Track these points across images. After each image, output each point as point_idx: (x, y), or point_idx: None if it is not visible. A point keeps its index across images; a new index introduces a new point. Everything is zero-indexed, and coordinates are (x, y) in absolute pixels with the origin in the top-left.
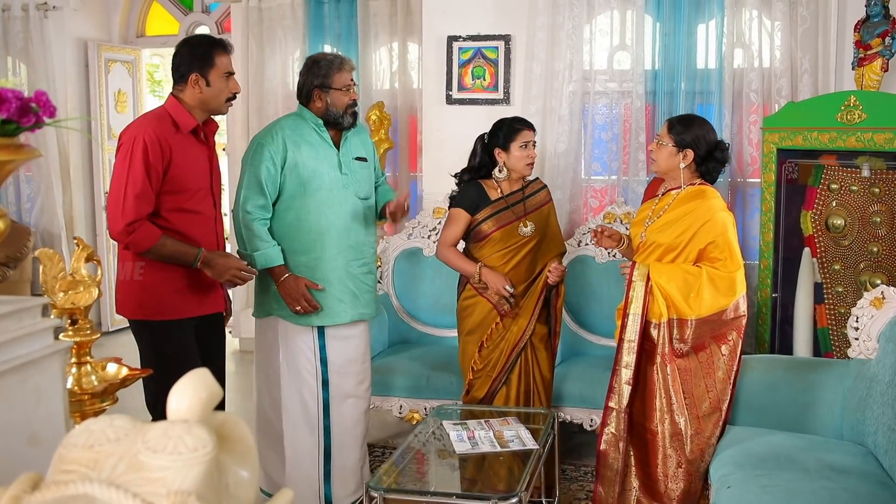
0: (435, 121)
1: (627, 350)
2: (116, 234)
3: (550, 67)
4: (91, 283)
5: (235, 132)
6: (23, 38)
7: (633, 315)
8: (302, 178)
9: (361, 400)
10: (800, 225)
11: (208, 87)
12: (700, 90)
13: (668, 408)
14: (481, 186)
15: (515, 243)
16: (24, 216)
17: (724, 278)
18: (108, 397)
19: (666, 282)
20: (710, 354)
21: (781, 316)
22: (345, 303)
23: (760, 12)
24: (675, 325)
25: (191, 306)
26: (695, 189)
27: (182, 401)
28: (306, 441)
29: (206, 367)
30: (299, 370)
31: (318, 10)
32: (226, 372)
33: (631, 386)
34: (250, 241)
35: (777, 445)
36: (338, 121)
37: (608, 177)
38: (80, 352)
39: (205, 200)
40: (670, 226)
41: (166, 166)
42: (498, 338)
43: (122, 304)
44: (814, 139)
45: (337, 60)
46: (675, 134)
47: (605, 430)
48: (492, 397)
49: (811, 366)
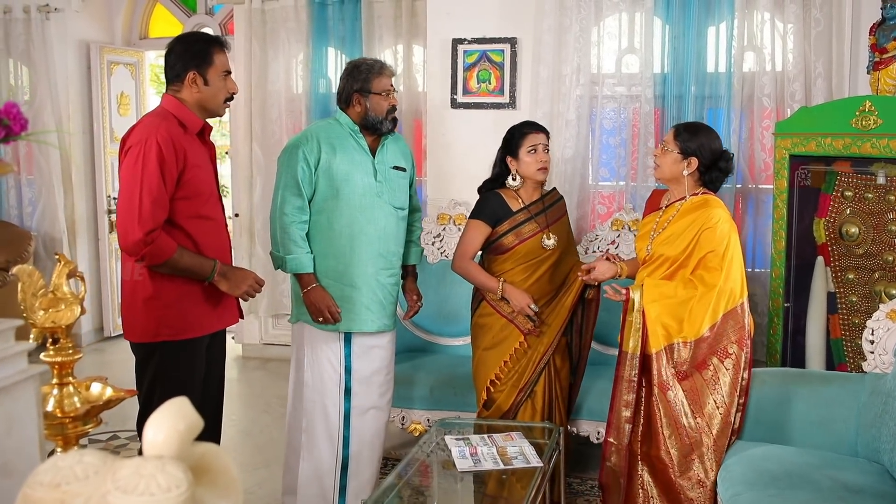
0: (439, 125)
1: (627, 389)
2: (132, 245)
3: (557, 71)
4: (73, 300)
5: (238, 135)
6: (24, 41)
7: (630, 353)
8: (335, 181)
9: (382, 412)
10: (813, 233)
11: (206, 87)
12: (710, 94)
13: (675, 433)
14: (501, 197)
15: (537, 257)
16: (26, 220)
17: (710, 293)
18: (91, 420)
19: (659, 311)
20: (714, 371)
21: (794, 326)
22: (372, 311)
23: (773, 15)
24: (674, 350)
25: (211, 321)
26: (699, 199)
27: (158, 433)
28: (324, 452)
29: (208, 379)
30: (323, 378)
31: (322, 13)
32: (225, 380)
33: (631, 424)
34: (284, 244)
35: (789, 463)
36: (377, 125)
37: (616, 183)
38: (62, 372)
39: (216, 206)
40: (676, 237)
41: (181, 169)
42: (523, 351)
43: (133, 326)
44: (827, 145)
45: (377, 65)
46: (682, 141)
47: (606, 464)
48: (516, 409)
49: (825, 380)
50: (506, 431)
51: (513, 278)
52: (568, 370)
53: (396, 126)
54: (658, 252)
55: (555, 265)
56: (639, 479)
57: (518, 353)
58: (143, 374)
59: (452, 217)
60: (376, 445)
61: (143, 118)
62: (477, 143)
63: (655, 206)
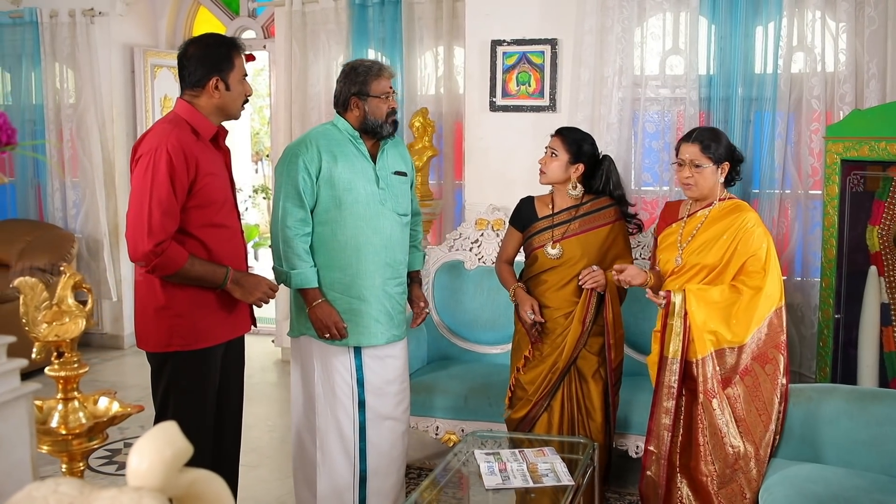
0: (477, 129)
1: (667, 396)
2: (142, 256)
3: (599, 73)
4: (79, 313)
5: (279, 139)
6: (69, 45)
7: (671, 358)
8: (337, 191)
9: (399, 422)
10: (865, 241)
11: (228, 92)
12: (757, 96)
13: (719, 442)
14: (532, 202)
15: (551, 267)
16: (70, 222)
17: (757, 296)
18: (97, 435)
19: (705, 316)
20: (756, 377)
21: (845, 338)
22: (381, 323)
23: (824, 13)
24: (722, 356)
25: (223, 330)
26: (728, 204)
27: (142, 461)
28: (341, 466)
29: (225, 390)
30: (335, 391)
31: (363, 14)
32: (260, 385)
33: (670, 433)
34: (287, 259)
35: (836, 485)
36: (377, 130)
37: (659, 188)
38: (67, 387)
39: (231, 213)
40: (712, 244)
41: (192, 178)
42: (536, 362)
43: (146, 335)
44: (881, 150)
45: (375, 67)
46: (712, 152)
47: (646, 473)
48: (532, 422)
49: (875, 397)
50: (539, 446)
51: (537, 286)
52: (600, 390)
53: (397, 129)
54: (692, 261)
55: (576, 278)
56: (677, 493)
57: (530, 363)
58: (157, 383)
59: (490, 222)
60: (395, 457)
61: (154, 125)
62: (516, 146)
63: (673, 217)
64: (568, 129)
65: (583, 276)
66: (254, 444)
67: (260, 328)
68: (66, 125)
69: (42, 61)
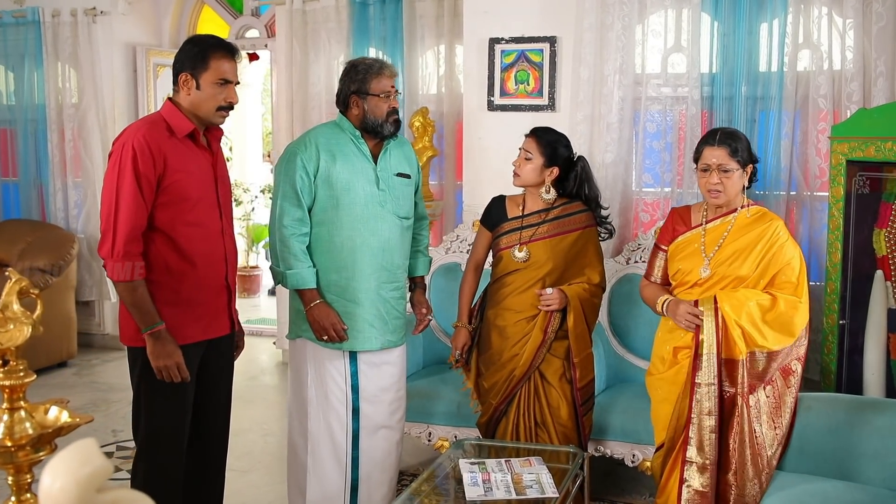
0: (476, 128)
1: (707, 395)
2: (103, 254)
3: (599, 71)
4: (25, 320)
5: (280, 137)
6: (71, 44)
7: (706, 355)
8: (335, 190)
9: (394, 431)
10: (872, 244)
11: (198, 91)
12: (761, 95)
13: (746, 452)
14: (504, 202)
15: (515, 269)
16: (72, 222)
17: (794, 307)
18: (44, 446)
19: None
20: (776, 387)
21: (850, 345)
22: (375, 327)
23: (830, 9)
24: (756, 360)
25: (193, 331)
26: (756, 211)
27: (55, 480)
28: (332, 473)
29: (210, 394)
30: (328, 396)
31: (363, 13)
32: (258, 388)
33: (716, 434)
34: (284, 259)
35: (835, 500)
36: (377, 129)
37: (661, 189)
38: (13, 396)
39: (209, 212)
40: (744, 254)
41: (160, 175)
42: (497, 367)
43: (122, 329)
44: (888, 150)
45: (376, 65)
46: (739, 155)
47: (685, 487)
48: (495, 425)
49: (878, 408)
50: (526, 455)
51: (501, 288)
52: (566, 398)
53: (399, 129)
54: (723, 272)
55: (541, 281)
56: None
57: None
58: (132, 377)
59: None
60: (388, 466)
61: (132, 123)
62: (514, 147)
63: (686, 223)
64: (543, 129)
65: (540, 301)
66: (248, 447)
67: (262, 330)
68: (69, 125)
69: (44, 61)
